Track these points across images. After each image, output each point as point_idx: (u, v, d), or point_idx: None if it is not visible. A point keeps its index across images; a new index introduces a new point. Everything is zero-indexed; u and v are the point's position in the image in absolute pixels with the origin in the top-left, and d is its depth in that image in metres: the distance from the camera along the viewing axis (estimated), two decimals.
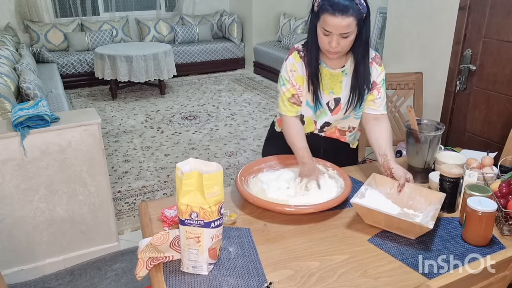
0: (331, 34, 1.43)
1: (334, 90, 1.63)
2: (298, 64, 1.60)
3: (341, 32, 1.42)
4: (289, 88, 1.62)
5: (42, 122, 2.07)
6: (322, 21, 1.42)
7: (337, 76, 1.61)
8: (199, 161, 1.14)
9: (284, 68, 1.62)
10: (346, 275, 1.15)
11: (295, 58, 1.60)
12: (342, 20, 1.39)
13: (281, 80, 1.64)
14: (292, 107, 1.64)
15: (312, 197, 1.48)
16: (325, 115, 1.67)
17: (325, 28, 1.43)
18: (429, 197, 1.43)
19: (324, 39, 1.46)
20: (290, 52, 1.62)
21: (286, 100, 1.63)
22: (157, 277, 1.14)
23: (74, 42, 5.89)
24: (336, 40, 1.44)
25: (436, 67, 2.60)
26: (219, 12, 7.03)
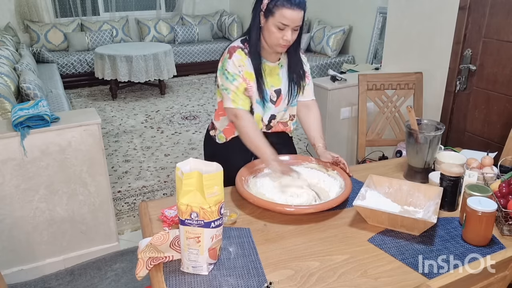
0: (286, 28, 1.53)
1: (273, 83, 1.69)
2: (246, 60, 1.62)
3: (296, 24, 1.53)
4: (241, 82, 1.61)
5: (42, 122, 2.07)
6: (279, 16, 1.51)
7: (274, 69, 1.69)
8: (199, 161, 1.14)
9: (231, 64, 1.60)
10: (346, 275, 1.15)
11: (241, 54, 1.61)
12: (298, 13, 1.51)
13: (229, 76, 1.60)
14: (247, 100, 1.64)
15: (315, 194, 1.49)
16: (269, 109, 1.72)
17: (283, 22, 1.51)
18: (427, 193, 1.44)
19: (277, 34, 1.54)
20: (233, 50, 1.62)
21: (241, 93, 1.61)
22: (157, 277, 1.14)
23: (74, 42, 5.89)
24: (290, 33, 1.54)
25: (436, 67, 2.60)
26: (219, 12, 7.03)
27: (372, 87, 2.53)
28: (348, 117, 2.97)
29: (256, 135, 1.60)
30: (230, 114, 1.65)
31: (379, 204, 1.42)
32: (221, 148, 1.79)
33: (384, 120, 2.55)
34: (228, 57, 1.62)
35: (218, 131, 1.80)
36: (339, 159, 1.65)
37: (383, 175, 1.55)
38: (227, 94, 1.62)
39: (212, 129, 1.84)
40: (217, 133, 1.80)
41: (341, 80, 2.88)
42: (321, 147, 1.72)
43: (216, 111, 1.78)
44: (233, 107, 1.62)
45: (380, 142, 2.59)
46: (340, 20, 5.44)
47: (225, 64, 1.62)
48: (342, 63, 5.36)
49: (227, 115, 1.69)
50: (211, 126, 1.85)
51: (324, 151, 1.70)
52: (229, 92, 1.61)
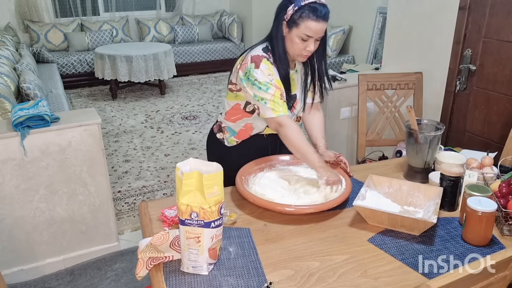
0: (310, 39, 1.54)
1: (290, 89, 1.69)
2: (274, 69, 1.60)
3: (320, 36, 1.55)
4: (276, 89, 1.57)
5: (42, 122, 2.07)
6: (304, 28, 1.51)
7: (291, 76, 1.70)
8: (199, 161, 1.14)
9: (260, 74, 1.56)
10: (346, 275, 1.15)
11: (267, 64, 1.58)
12: (323, 25, 1.52)
13: (263, 86, 1.56)
14: (285, 105, 1.61)
15: (314, 196, 1.49)
16: None
17: (307, 34, 1.52)
18: (427, 193, 1.44)
19: (300, 45, 1.55)
20: (259, 60, 1.58)
21: (278, 99, 1.57)
22: (157, 277, 1.14)
23: (74, 42, 5.89)
24: (313, 44, 1.55)
25: (436, 67, 2.60)
26: (219, 12, 7.03)
27: (372, 87, 2.53)
28: (348, 117, 2.97)
29: (302, 142, 1.57)
30: (273, 124, 1.60)
31: (379, 204, 1.42)
32: (231, 151, 1.78)
33: (384, 120, 2.55)
34: (254, 66, 1.57)
35: (228, 134, 1.77)
36: (340, 157, 1.66)
37: (383, 175, 1.55)
38: (264, 104, 1.57)
39: (220, 132, 1.80)
40: (226, 136, 1.77)
41: (341, 80, 2.88)
42: (322, 147, 1.73)
43: (228, 113, 1.74)
44: (274, 116, 1.57)
45: (380, 142, 2.59)
46: (340, 20, 5.44)
47: (253, 74, 1.56)
48: (342, 63, 5.36)
49: (269, 125, 1.66)
50: (218, 129, 1.81)
51: (326, 150, 1.72)
52: (267, 102, 1.56)
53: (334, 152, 1.69)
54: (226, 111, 1.75)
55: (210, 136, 1.86)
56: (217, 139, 1.81)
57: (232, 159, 1.69)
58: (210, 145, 1.87)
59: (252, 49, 1.63)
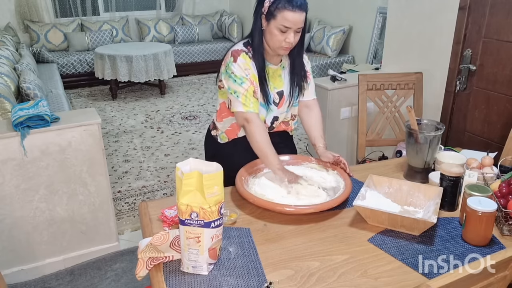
0: (288, 30, 1.52)
1: (276, 85, 1.69)
2: (251, 64, 1.61)
3: (298, 26, 1.53)
4: (250, 85, 1.58)
5: (42, 122, 2.07)
6: (281, 19, 1.50)
7: (276, 71, 1.69)
8: (199, 161, 1.14)
9: (237, 67, 1.58)
10: (346, 275, 1.15)
11: (245, 58, 1.59)
12: (300, 15, 1.50)
13: (237, 79, 1.57)
14: (257, 103, 1.61)
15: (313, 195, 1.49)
16: (272, 111, 1.71)
17: (285, 25, 1.51)
18: (427, 193, 1.44)
19: (279, 37, 1.54)
20: (237, 54, 1.60)
21: (250, 96, 1.58)
22: (157, 277, 1.14)
23: (74, 42, 5.89)
24: (293, 35, 1.53)
25: (436, 67, 2.60)
26: (219, 12, 7.03)
27: (372, 87, 2.53)
28: (348, 117, 2.97)
29: (265, 142, 1.58)
30: (240, 118, 1.61)
31: (379, 204, 1.42)
32: (223, 148, 1.78)
33: (384, 120, 2.55)
34: (232, 60, 1.59)
35: (220, 131, 1.79)
36: (339, 158, 1.65)
37: (383, 175, 1.55)
38: (236, 98, 1.58)
39: (214, 129, 1.82)
40: (219, 133, 1.79)
41: (341, 80, 2.88)
42: (321, 147, 1.72)
43: (218, 112, 1.77)
44: (244, 111, 1.58)
45: (380, 142, 2.59)
46: (340, 20, 5.44)
47: (231, 67, 1.59)
48: (342, 63, 5.36)
49: (236, 119, 1.65)
50: (213, 126, 1.84)
51: (325, 151, 1.70)
52: (239, 95, 1.57)
53: (333, 153, 1.67)
54: (217, 110, 1.78)
55: (207, 133, 1.89)
56: (211, 136, 1.84)
57: (224, 155, 1.71)
58: (206, 141, 1.90)
59: (235, 44, 1.67)
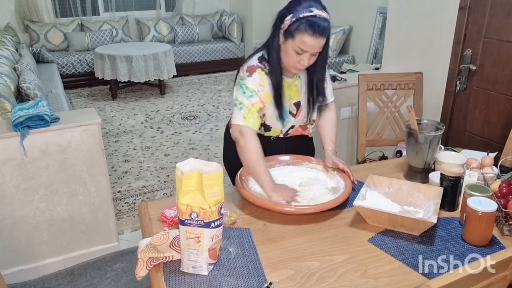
0: (305, 53, 1.46)
1: (292, 96, 1.66)
2: (267, 81, 1.56)
3: (315, 51, 1.47)
4: (258, 101, 1.55)
5: (42, 122, 2.07)
6: (299, 41, 1.43)
7: (293, 83, 1.65)
8: (199, 161, 1.14)
9: (251, 81, 1.54)
10: (346, 275, 1.15)
11: (261, 74, 1.56)
12: (320, 40, 1.44)
13: (248, 91, 1.53)
14: (259, 120, 1.57)
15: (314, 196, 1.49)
16: (290, 122, 1.69)
17: (302, 48, 1.44)
18: (427, 193, 1.44)
19: (294, 57, 1.48)
20: (253, 69, 1.56)
21: (255, 112, 1.54)
22: (157, 277, 1.14)
23: (74, 42, 5.89)
24: (308, 58, 1.48)
25: (436, 67, 2.60)
26: (219, 12, 7.03)
27: (372, 87, 2.53)
28: (348, 117, 2.97)
29: (257, 160, 1.50)
30: (236, 130, 1.54)
31: (379, 204, 1.42)
32: None
33: (384, 120, 2.55)
34: (247, 75, 1.55)
35: None
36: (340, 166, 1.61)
37: (383, 175, 1.55)
38: (239, 110, 1.53)
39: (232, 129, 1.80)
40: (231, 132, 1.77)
41: (341, 80, 2.88)
42: (329, 150, 1.69)
43: None
44: (241, 124, 1.52)
45: (380, 142, 2.59)
46: (340, 20, 5.44)
47: (245, 80, 1.55)
48: (342, 63, 5.36)
49: (233, 131, 1.60)
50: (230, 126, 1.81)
51: (331, 155, 1.67)
52: (242, 108, 1.53)
53: (338, 160, 1.62)
54: None
55: (226, 126, 1.87)
56: (228, 132, 1.80)
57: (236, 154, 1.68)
58: (225, 135, 1.87)
59: (249, 59, 1.62)
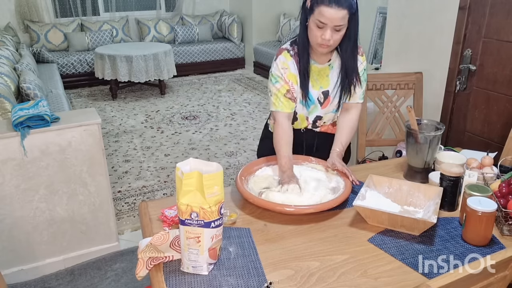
0: (325, 26, 1.48)
1: (322, 84, 1.68)
2: (290, 62, 1.63)
3: (335, 24, 1.47)
4: (283, 84, 1.63)
5: (42, 122, 2.07)
6: (317, 14, 1.47)
7: (324, 70, 1.67)
8: (199, 161, 1.14)
9: (275, 66, 1.63)
10: (346, 275, 1.15)
11: (286, 56, 1.63)
12: (337, 11, 1.45)
13: (273, 78, 1.64)
14: (288, 102, 1.65)
15: (313, 196, 1.49)
16: (316, 110, 1.72)
17: (321, 20, 1.47)
18: (427, 193, 1.44)
19: (317, 32, 1.50)
20: (280, 52, 1.65)
21: (281, 96, 1.63)
22: (157, 277, 1.14)
23: (74, 42, 5.89)
24: (330, 32, 1.48)
25: (436, 67, 2.60)
26: (219, 12, 7.03)
27: (372, 87, 2.53)
28: None
29: (279, 143, 1.62)
30: (272, 117, 1.74)
31: (379, 204, 1.42)
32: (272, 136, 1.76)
33: (384, 120, 2.55)
34: (275, 58, 1.65)
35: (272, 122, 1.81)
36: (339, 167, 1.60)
37: (383, 175, 1.55)
38: (270, 96, 1.67)
39: (269, 119, 1.89)
40: (271, 123, 1.85)
41: None
42: (335, 151, 1.68)
43: None
44: (273, 110, 1.66)
45: (380, 142, 2.59)
46: None
47: (272, 68, 1.65)
48: None
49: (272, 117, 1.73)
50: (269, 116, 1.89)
51: (334, 156, 1.66)
52: (272, 94, 1.66)
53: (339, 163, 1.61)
54: None
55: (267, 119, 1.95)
56: (267, 123, 1.93)
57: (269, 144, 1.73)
58: (264, 127, 1.97)
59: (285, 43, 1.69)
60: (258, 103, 5.26)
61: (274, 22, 6.72)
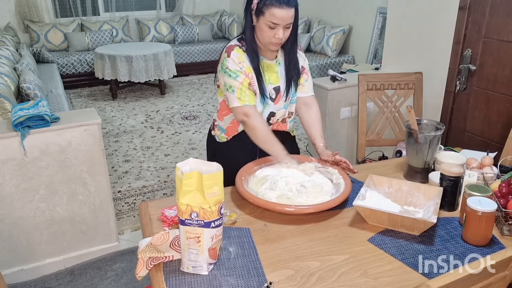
0: (277, 26, 1.53)
1: (272, 80, 1.70)
2: (244, 57, 1.63)
3: (287, 22, 1.53)
4: (244, 78, 1.61)
5: (42, 122, 2.07)
6: (269, 15, 1.52)
7: (272, 67, 1.70)
8: (199, 161, 1.14)
9: (231, 62, 1.61)
10: (346, 275, 1.15)
11: (239, 52, 1.63)
12: (287, 11, 1.51)
13: (232, 73, 1.60)
14: (252, 95, 1.64)
15: (312, 194, 1.49)
16: (269, 106, 1.72)
17: (273, 21, 1.52)
18: (427, 193, 1.44)
19: (269, 33, 1.55)
20: (231, 49, 1.63)
21: (245, 89, 1.61)
22: (157, 277, 1.14)
23: (74, 42, 5.89)
24: (282, 31, 1.54)
25: (436, 67, 2.60)
26: (219, 12, 7.03)
27: (372, 87, 2.53)
28: (348, 117, 2.97)
29: (266, 136, 1.62)
30: (239, 114, 1.62)
31: (379, 204, 1.42)
32: (223, 147, 1.79)
33: (384, 120, 2.55)
34: (226, 56, 1.63)
35: (220, 131, 1.80)
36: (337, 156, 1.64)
37: (383, 175, 1.55)
38: (231, 93, 1.61)
39: (213, 129, 1.84)
40: (218, 133, 1.81)
41: (341, 80, 2.88)
42: (321, 146, 1.72)
43: (219, 111, 1.78)
44: (240, 105, 1.61)
45: (380, 142, 2.59)
46: (340, 20, 5.44)
47: (225, 63, 1.63)
48: (342, 63, 5.36)
49: (235, 115, 1.67)
50: (212, 126, 1.85)
51: (324, 149, 1.70)
52: (234, 90, 1.61)
53: (333, 151, 1.67)
54: (218, 109, 1.80)
55: (208, 133, 1.91)
56: (211, 136, 1.86)
57: (224, 155, 1.74)
58: (207, 142, 1.92)
59: (229, 41, 1.70)
60: None
61: None
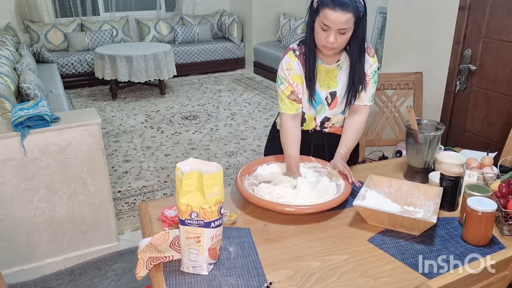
0: (329, 29, 1.47)
1: (330, 85, 1.68)
2: (294, 63, 1.63)
3: (340, 27, 1.46)
4: (287, 86, 1.64)
5: (42, 122, 2.07)
6: (322, 16, 1.47)
7: (332, 71, 1.66)
8: (199, 161, 1.14)
9: (281, 67, 1.65)
10: (346, 275, 1.15)
11: (291, 57, 1.63)
12: (341, 15, 1.43)
13: (279, 79, 1.66)
14: (292, 104, 1.65)
15: (311, 195, 1.49)
16: (324, 110, 1.72)
17: (324, 23, 1.46)
18: (427, 193, 1.44)
19: (321, 35, 1.50)
20: (286, 52, 1.66)
21: (285, 97, 1.65)
22: (157, 277, 1.14)
23: (74, 42, 5.89)
24: (334, 35, 1.48)
25: (436, 67, 2.60)
26: (219, 12, 7.03)
27: None
28: None
29: (285, 142, 1.66)
30: (279, 117, 1.74)
31: (379, 204, 1.42)
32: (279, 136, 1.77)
33: (384, 120, 2.55)
34: (282, 57, 1.67)
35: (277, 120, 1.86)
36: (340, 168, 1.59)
37: (383, 175, 1.55)
38: (277, 97, 1.70)
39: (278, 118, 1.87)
40: (278, 122, 1.83)
41: None
42: (340, 154, 1.65)
43: None
44: (279, 110, 1.70)
45: (380, 142, 2.59)
46: None
47: (279, 65, 1.67)
48: None
49: None
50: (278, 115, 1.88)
51: (338, 158, 1.64)
52: (278, 96, 1.69)
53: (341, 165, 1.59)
54: None
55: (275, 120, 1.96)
56: (275, 123, 1.93)
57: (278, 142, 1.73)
58: (272, 127, 1.98)
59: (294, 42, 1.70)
60: (258, 103, 5.26)
61: (274, 22, 6.72)
